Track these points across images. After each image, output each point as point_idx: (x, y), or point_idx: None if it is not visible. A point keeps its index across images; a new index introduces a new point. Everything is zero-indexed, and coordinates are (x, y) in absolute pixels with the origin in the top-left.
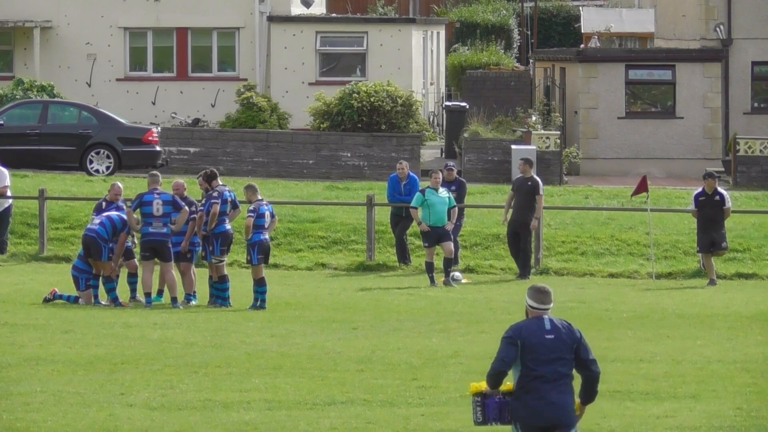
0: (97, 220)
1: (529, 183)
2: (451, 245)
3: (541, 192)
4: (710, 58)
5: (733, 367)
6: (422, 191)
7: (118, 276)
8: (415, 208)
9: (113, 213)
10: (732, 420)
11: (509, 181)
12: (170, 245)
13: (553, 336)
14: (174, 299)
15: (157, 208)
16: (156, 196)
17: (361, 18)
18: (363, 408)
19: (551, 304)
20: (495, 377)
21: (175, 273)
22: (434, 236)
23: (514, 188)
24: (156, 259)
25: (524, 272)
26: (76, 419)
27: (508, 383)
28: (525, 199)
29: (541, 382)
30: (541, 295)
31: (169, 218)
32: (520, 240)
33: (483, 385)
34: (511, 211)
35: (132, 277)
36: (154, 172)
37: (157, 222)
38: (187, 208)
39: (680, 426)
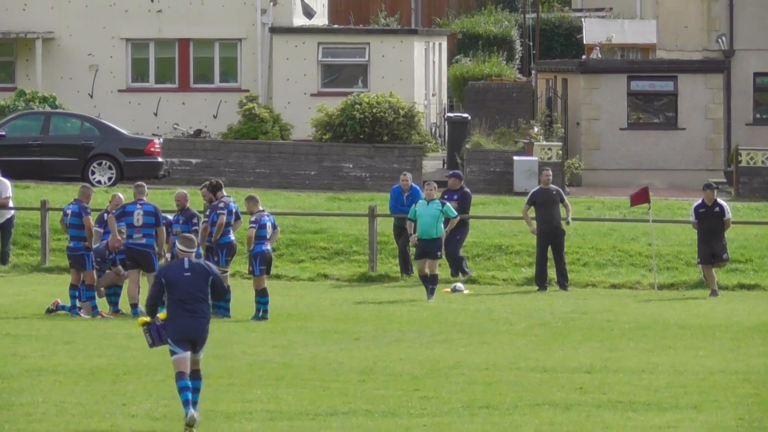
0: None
1: (554, 192)
2: (436, 264)
3: (566, 199)
4: (712, 69)
5: (735, 377)
6: (416, 203)
7: (120, 286)
8: (412, 220)
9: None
10: (734, 431)
11: (511, 192)
12: (153, 255)
13: (190, 273)
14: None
15: (138, 218)
16: (138, 206)
17: (363, 29)
18: (365, 418)
19: (194, 249)
20: (150, 307)
21: None
22: (420, 248)
23: (537, 202)
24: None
25: (564, 282)
26: (79, 430)
27: (164, 312)
28: (555, 209)
29: (182, 307)
30: (187, 241)
31: (153, 229)
32: (554, 251)
33: (148, 318)
34: (534, 222)
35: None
36: (140, 183)
37: (138, 233)
38: (162, 228)
39: None
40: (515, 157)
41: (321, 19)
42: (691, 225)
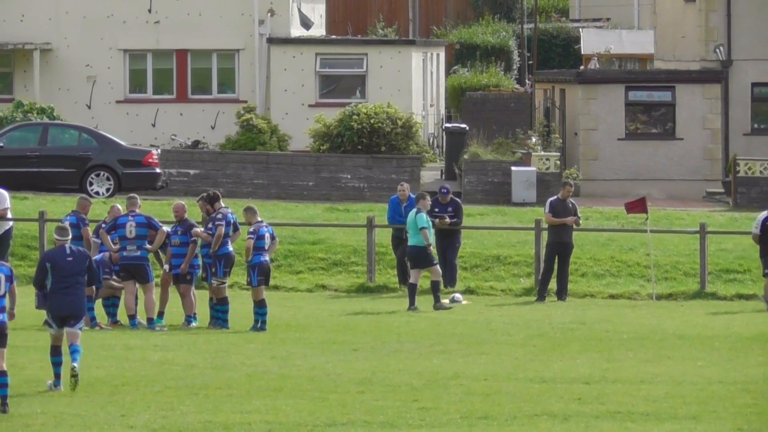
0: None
1: (571, 205)
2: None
3: (579, 214)
4: (710, 79)
5: (734, 388)
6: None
7: (118, 297)
8: (426, 228)
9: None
10: None
11: (509, 202)
12: (147, 266)
13: (71, 258)
14: (150, 320)
15: (130, 230)
16: (130, 218)
17: (360, 40)
18: (363, 429)
19: (67, 237)
20: (37, 286)
21: (173, 294)
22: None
23: (554, 210)
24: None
25: (563, 294)
26: None
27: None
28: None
29: (62, 287)
30: (62, 231)
31: (146, 241)
32: (561, 262)
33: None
34: (545, 233)
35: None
36: (132, 195)
37: (131, 245)
38: (164, 229)
39: None
40: (513, 168)
41: (319, 30)
42: (751, 237)
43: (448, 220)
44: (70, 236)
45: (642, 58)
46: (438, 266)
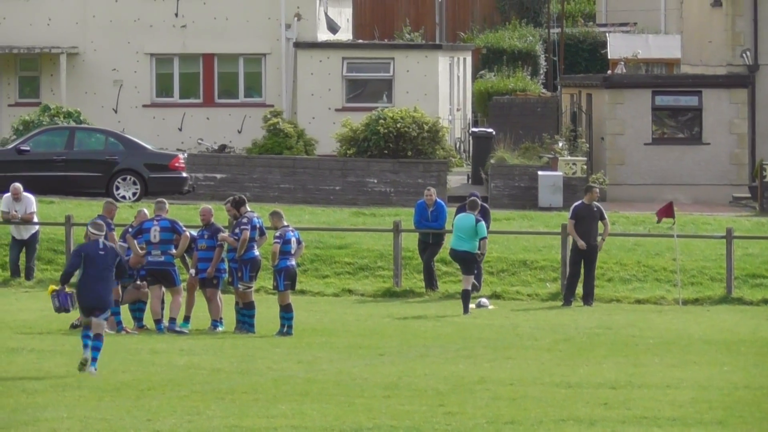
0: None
1: (596, 209)
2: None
3: (606, 216)
4: (736, 84)
5: (760, 393)
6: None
7: (144, 302)
8: (487, 238)
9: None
10: None
11: (536, 207)
12: (173, 271)
13: (103, 252)
14: (172, 320)
15: (155, 234)
16: (155, 222)
17: (387, 44)
18: None
19: (103, 232)
20: (66, 276)
21: (199, 298)
22: None
23: (578, 216)
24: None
25: (589, 299)
26: None
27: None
28: (593, 225)
29: (93, 279)
30: (97, 226)
31: (171, 245)
32: (586, 266)
33: (57, 286)
34: (571, 238)
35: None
36: (161, 200)
37: (156, 249)
38: (187, 233)
39: None
40: (540, 172)
41: (345, 34)
42: None
43: None
44: (105, 231)
45: (668, 62)
46: (473, 277)
